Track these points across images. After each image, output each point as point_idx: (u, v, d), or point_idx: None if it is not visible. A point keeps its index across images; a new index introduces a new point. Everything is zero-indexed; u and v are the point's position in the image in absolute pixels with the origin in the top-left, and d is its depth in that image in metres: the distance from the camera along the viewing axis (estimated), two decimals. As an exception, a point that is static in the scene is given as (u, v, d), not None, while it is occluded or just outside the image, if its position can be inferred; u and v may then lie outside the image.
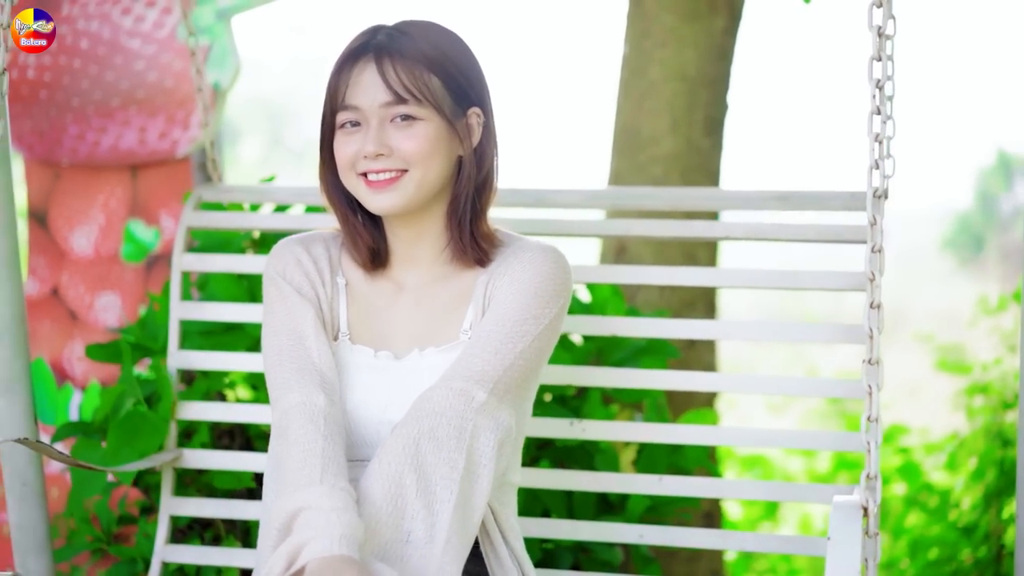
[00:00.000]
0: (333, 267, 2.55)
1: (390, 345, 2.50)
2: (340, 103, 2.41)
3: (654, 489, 2.99)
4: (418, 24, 2.46)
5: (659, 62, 4.05)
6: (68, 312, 4.10)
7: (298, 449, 2.28)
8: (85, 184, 4.09)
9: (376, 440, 2.44)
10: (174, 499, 3.15)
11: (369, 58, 2.39)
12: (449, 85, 2.41)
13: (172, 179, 4.05)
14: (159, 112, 3.97)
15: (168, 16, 3.93)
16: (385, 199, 2.40)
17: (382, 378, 2.46)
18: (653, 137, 4.05)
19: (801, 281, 2.95)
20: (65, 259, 4.10)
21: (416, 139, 2.38)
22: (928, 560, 4.63)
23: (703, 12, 4.03)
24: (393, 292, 2.53)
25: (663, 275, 3.10)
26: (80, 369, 4.07)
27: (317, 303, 2.50)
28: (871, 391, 2.56)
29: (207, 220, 3.27)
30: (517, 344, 2.37)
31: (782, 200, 3.03)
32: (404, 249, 2.52)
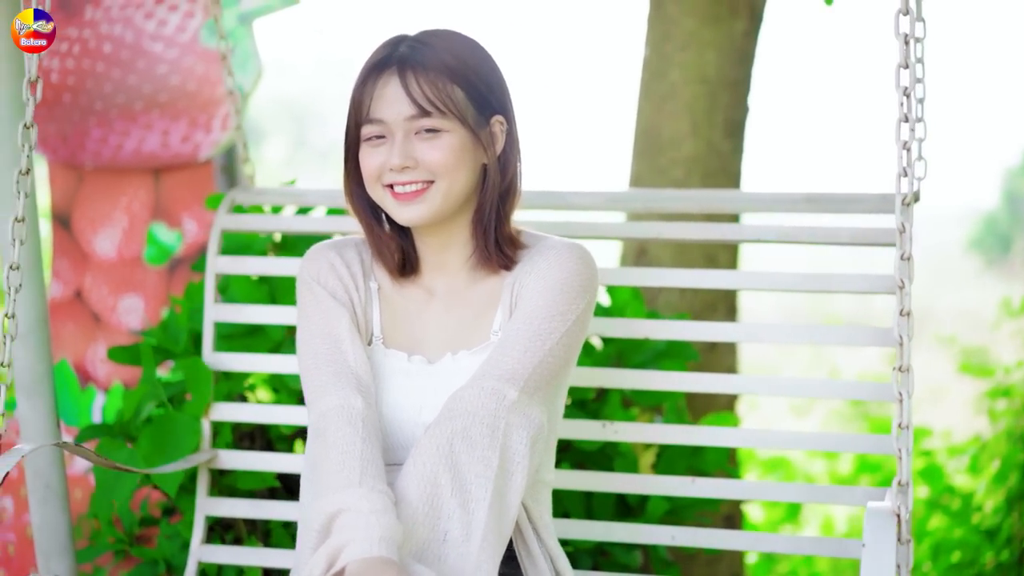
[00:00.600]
0: (366, 272, 2.57)
1: (422, 349, 2.53)
2: (365, 116, 2.42)
3: (683, 491, 2.99)
4: (439, 34, 2.47)
5: (679, 65, 4.04)
6: (91, 314, 4.12)
7: (336, 451, 2.31)
8: (108, 187, 4.11)
9: (411, 443, 2.46)
10: (209, 499, 3.16)
11: (392, 71, 2.40)
12: (472, 95, 2.42)
13: (194, 182, 4.07)
14: (181, 115, 3.99)
15: (190, 20, 3.95)
16: (413, 211, 2.43)
17: (416, 382, 2.49)
18: (674, 140, 4.05)
19: (829, 284, 2.93)
20: (88, 262, 4.12)
21: (441, 151, 2.40)
22: (950, 563, 4.61)
23: (724, 15, 4.03)
24: (424, 298, 2.55)
25: (686, 278, 3.09)
26: (103, 371, 4.09)
27: (351, 307, 2.52)
28: (902, 398, 2.55)
29: (240, 223, 3.28)
30: (546, 341, 2.40)
31: (811, 202, 3.01)
32: (432, 256, 2.54)
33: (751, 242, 3.05)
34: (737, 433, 3.11)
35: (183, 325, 3.36)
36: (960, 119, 17.77)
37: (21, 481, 4.05)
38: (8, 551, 4.06)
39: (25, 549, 4.05)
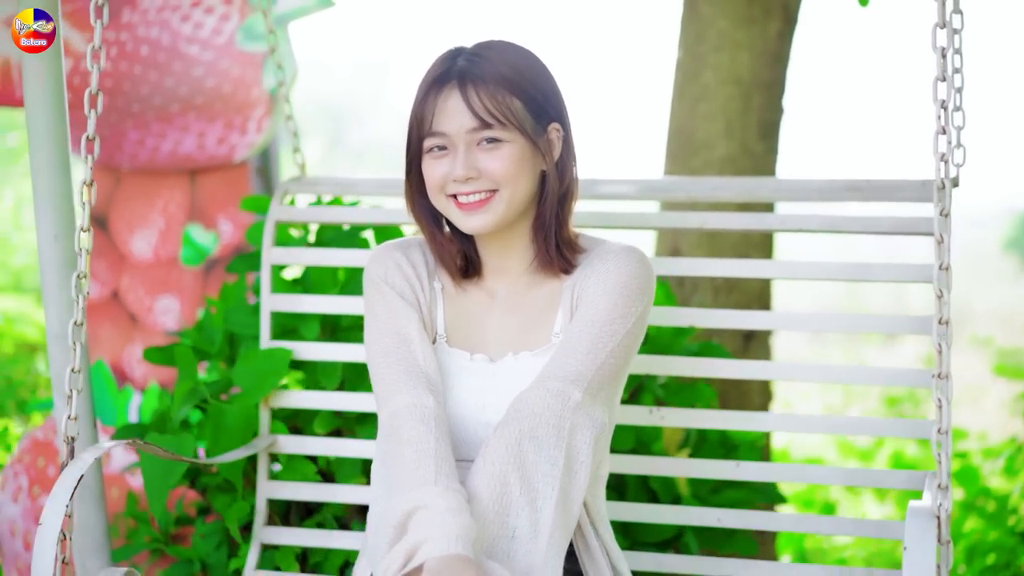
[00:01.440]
0: (430, 272, 2.65)
1: (484, 349, 2.60)
2: (427, 130, 2.49)
3: (721, 474, 3.03)
4: (494, 46, 2.53)
5: (713, 66, 4.04)
6: (128, 315, 4.15)
7: (411, 449, 2.39)
8: (145, 189, 4.14)
9: (473, 440, 2.54)
10: (270, 483, 3.22)
11: (453, 85, 2.47)
12: (529, 105, 2.49)
13: (230, 184, 4.10)
14: (217, 117, 4.01)
15: (226, 23, 3.98)
16: (477, 220, 2.50)
17: (478, 381, 2.57)
18: (707, 141, 4.04)
19: (866, 273, 2.96)
20: (125, 263, 4.16)
21: (502, 160, 2.47)
22: (985, 565, 4.59)
23: (757, 16, 4.02)
24: (485, 299, 2.63)
25: (719, 267, 3.10)
26: (140, 371, 4.12)
27: (418, 306, 2.60)
28: (941, 404, 2.57)
29: (294, 214, 3.31)
30: (607, 343, 2.47)
31: (852, 190, 3.03)
32: (493, 261, 2.62)
33: (791, 231, 3.05)
34: (776, 419, 3.16)
35: (218, 326, 3.38)
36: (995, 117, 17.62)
37: (58, 480, 4.08)
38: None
39: (62, 547, 4.08)
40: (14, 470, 4.19)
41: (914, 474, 2.93)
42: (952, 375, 2.59)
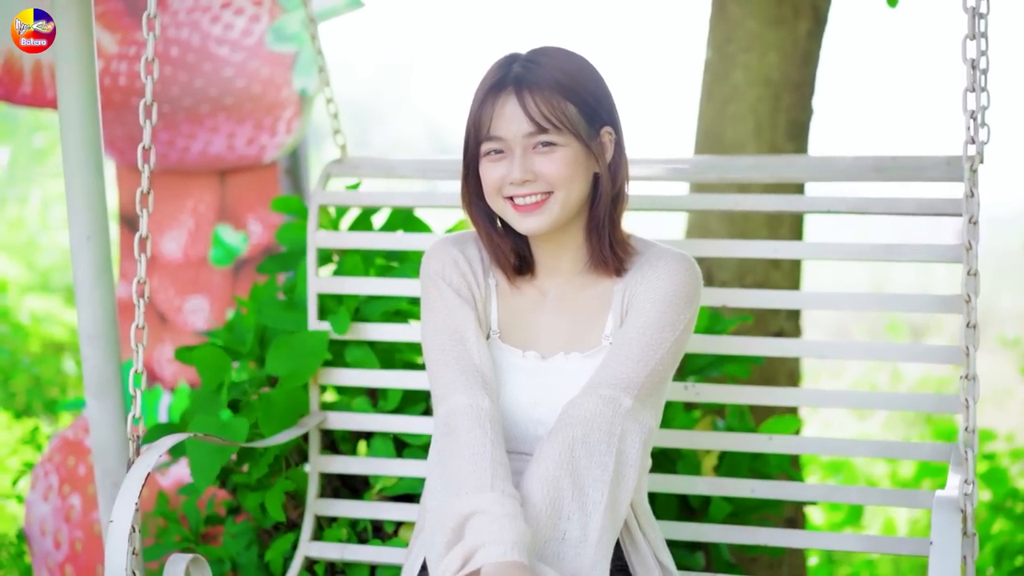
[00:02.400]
0: (485, 268, 2.73)
1: (536, 347, 2.67)
2: (485, 134, 2.57)
3: (745, 492, 3.06)
4: (548, 52, 2.60)
5: (742, 67, 4.03)
6: (158, 315, 4.17)
7: (468, 452, 2.48)
8: (175, 189, 4.16)
9: (524, 436, 2.63)
10: (322, 457, 3.30)
11: (509, 91, 2.55)
12: (583, 110, 2.56)
13: (259, 184, 4.11)
14: (247, 118, 4.02)
15: (256, 24, 3.99)
16: (533, 221, 2.57)
17: (530, 378, 2.65)
18: (737, 142, 4.03)
19: (894, 253, 2.98)
20: (155, 263, 4.17)
21: (557, 163, 2.54)
22: (1014, 567, 4.57)
23: (787, 16, 4.01)
24: (538, 297, 2.70)
25: (747, 248, 3.12)
26: (169, 371, 4.14)
27: (474, 303, 2.69)
28: (968, 404, 2.62)
29: (336, 197, 3.34)
30: (657, 351, 2.56)
31: (879, 170, 3.05)
32: (547, 260, 2.69)
33: (818, 212, 3.08)
34: (801, 441, 3.19)
35: (249, 326, 3.39)
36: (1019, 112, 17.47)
37: (89, 479, 4.11)
38: (76, 547, 4.12)
39: (92, 545, 4.11)
40: (44, 469, 4.21)
41: (939, 446, 2.98)
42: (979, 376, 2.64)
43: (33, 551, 4.22)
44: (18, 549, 4.48)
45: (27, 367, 7.23)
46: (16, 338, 7.74)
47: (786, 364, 4.11)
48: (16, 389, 7.10)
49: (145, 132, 2.79)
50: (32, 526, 4.21)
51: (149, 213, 2.84)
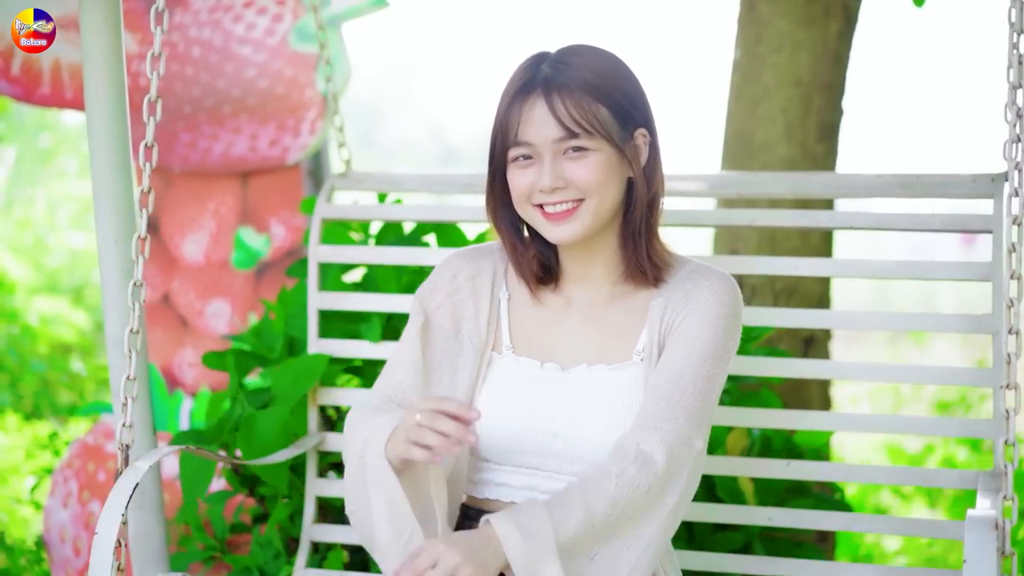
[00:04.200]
0: (496, 281, 2.59)
1: (556, 358, 2.52)
2: (513, 139, 2.44)
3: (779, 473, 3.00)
4: (579, 51, 2.47)
5: (772, 67, 3.98)
6: (179, 319, 4.11)
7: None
8: (196, 191, 4.10)
9: (539, 449, 2.46)
10: (319, 480, 3.21)
11: (538, 93, 2.42)
12: (616, 112, 2.43)
13: (282, 186, 4.05)
14: (270, 119, 3.97)
15: (279, 23, 3.94)
16: (564, 230, 2.44)
17: (549, 389, 2.49)
18: (767, 144, 3.98)
19: (927, 271, 2.92)
20: (176, 266, 4.12)
21: (589, 169, 2.41)
22: (1044, 575, 4.52)
23: (817, 16, 3.96)
24: (561, 307, 2.56)
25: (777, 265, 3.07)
26: (191, 375, 4.09)
27: (457, 321, 2.56)
28: (1008, 415, 2.56)
29: (340, 211, 3.27)
30: (716, 383, 2.44)
31: (904, 187, 2.98)
32: (576, 269, 2.55)
33: (844, 228, 3.02)
34: (837, 419, 3.17)
35: (278, 330, 3.33)
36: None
37: (109, 485, 4.05)
38: (95, 555, 4.06)
39: (113, 553, 4.05)
40: (63, 475, 4.16)
41: (966, 473, 2.89)
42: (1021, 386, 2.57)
43: (52, 558, 4.16)
44: (36, 556, 4.43)
45: (36, 369, 7.18)
46: (24, 340, 7.68)
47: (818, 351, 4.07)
48: (24, 391, 7.05)
49: (148, 129, 2.72)
50: (51, 533, 4.15)
51: (150, 212, 2.74)
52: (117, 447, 2.63)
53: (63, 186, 10.36)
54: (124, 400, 2.65)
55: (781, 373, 3.04)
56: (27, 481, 5.52)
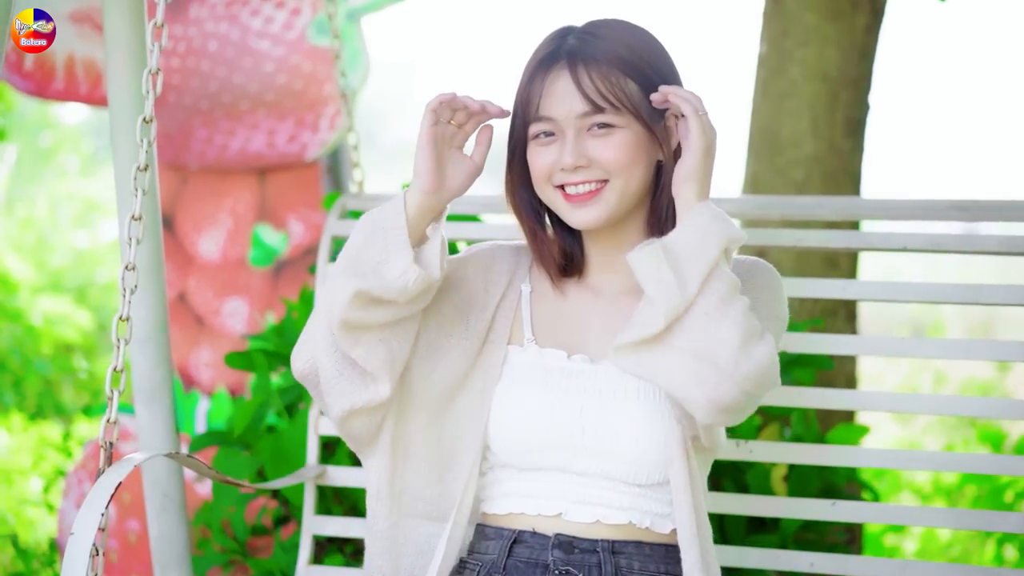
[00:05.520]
0: (518, 274, 2.43)
1: (584, 349, 2.35)
2: (534, 114, 2.27)
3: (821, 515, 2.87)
4: (609, 24, 2.31)
5: (799, 61, 3.92)
6: (195, 318, 4.05)
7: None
8: (213, 188, 4.04)
9: (569, 444, 2.29)
10: (317, 518, 2.99)
11: (562, 65, 2.25)
12: (647, 89, 2.25)
13: (301, 183, 3.99)
14: (288, 115, 3.90)
15: (297, 17, 3.87)
16: (586, 213, 2.27)
17: (578, 381, 2.32)
18: (794, 139, 3.92)
19: (979, 296, 2.81)
20: (192, 264, 4.05)
21: (615, 148, 2.24)
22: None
23: (845, 9, 3.90)
24: (588, 297, 2.39)
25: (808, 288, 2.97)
26: (207, 375, 4.02)
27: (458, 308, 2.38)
28: None
29: (351, 228, 3.15)
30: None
31: (961, 210, 2.88)
32: (601, 257, 2.38)
33: (894, 251, 2.89)
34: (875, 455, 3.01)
35: (300, 330, 3.26)
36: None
37: (124, 487, 3.98)
38: (110, 557, 4.00)
39: (127, 555, 3.99)
40: (77, 477, 4.09)
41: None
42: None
43: (65, 561, 4.10)
44: (50, 558, 4.36)
45: (39, 369, 7.12)
46: (28, 340, 7.62)
47: (844, 368, 4.00)
48: (27, 392, 7.00)
49: (147, 103, 2.56)
50: (65, 535, 4.09)
51: (145, 192, 2.55)
52: (100, 444, 2.42)
53: (64, 185, 10.30)
54: (110, 394, 2.43)
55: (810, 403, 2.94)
56: (33, 482, 5.46)
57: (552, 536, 2.28)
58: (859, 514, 2.91)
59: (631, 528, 2.29)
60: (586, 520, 2.28)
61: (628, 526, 2.29)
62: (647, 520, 2.29)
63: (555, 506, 2.30)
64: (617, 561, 2.27)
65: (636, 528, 2.29)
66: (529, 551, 2.29)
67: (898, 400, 3.15)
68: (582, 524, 2.28)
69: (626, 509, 2.28)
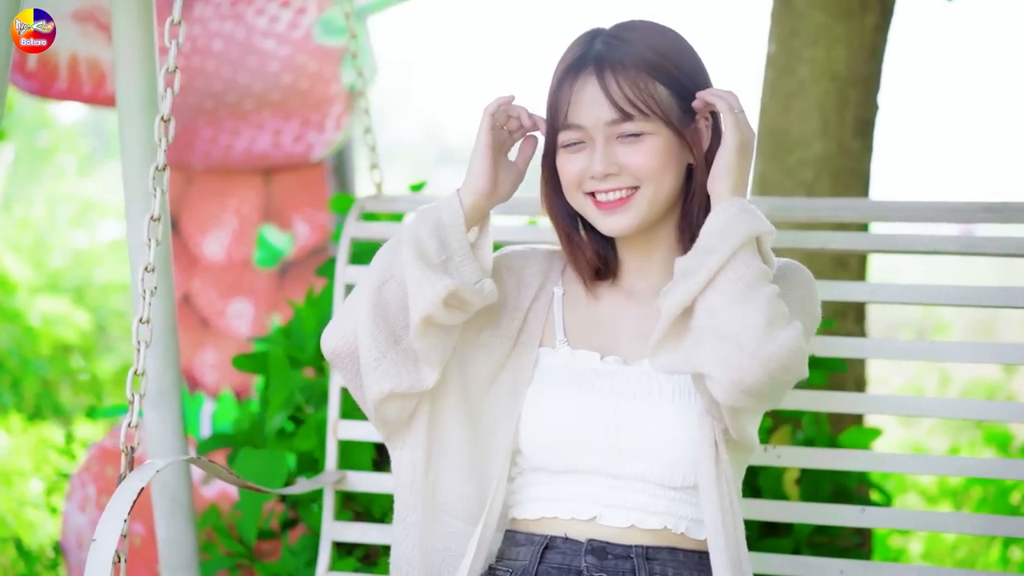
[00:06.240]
0: (550, 277, 2.43)
1: (617, 351, 2.35)
2: (562, 122, 2.27)
3: (852, 520, 2.85)
4: (636, 27, 2.30)
5: (809, 61, 3.89)
6: (200, 319, 4.02)
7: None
8: (217, 188, 4.01)
9: (603, 445, 2.28)
10: (336, 523, 2.97)
11: (590, 71, 2.25)
12: (676, 92, 2.26)
13: (307, 183, 3.96)
14: (294, 115, 3.88)
15: (303, 16, 3.85)
16: (617, 221, 2.27)
17: (611, 382, 2.31)
18: (803, 139, 3.88)
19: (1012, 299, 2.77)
20: (197, 265, 4.02)
21: (645, 154, 2.24)
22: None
23: (854, 9, 3.87)
24: (621, 300, 2.39)
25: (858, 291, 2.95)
26: (212, 377, 3.99)
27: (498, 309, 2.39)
28: None
29: (369, 231, 3.13)
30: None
31: (992, 212, 2.84)
32: (634, 262, 2.38)
33: (931, 253, 2.84)
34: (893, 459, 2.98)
35: (310, 332, 3.23)
36: None
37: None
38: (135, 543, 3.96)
39: (132, 559, 3.96)
40: (81, 479, 4.06)
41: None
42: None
43: (69, 564, 4.07)
44: (53, 562, 4.33)
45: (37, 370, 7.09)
46: (26, 340, 7.59)
47: (854, 370, 3.97)
48: (26, 392, 6.97)
49: (164, 102, 2.55)
50: (68, 538, 4.06)
51: (163, 192, 2.52)
52: (122, 449, 2.40)
53: (62, 185, 10.26)
54: (131, 398, 2.42)
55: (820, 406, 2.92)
56: (33, 484, 5.43)
57: (585, 542, 2.27)
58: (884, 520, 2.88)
59: (666, 534, 2.28)
60: (621, 525, 2.27)
61: (663, 531, 2.27)
62: (682, 525, 2.28)
63: (589, 510, 2.29)
64: (651, 567, 2.26)
65: (671, 534, 2.28)
66: (561, 557, 2.28)
67: (910, 404, 3.12)
68: (617, 529, 2.27)
69: (661, 514, 2.27)
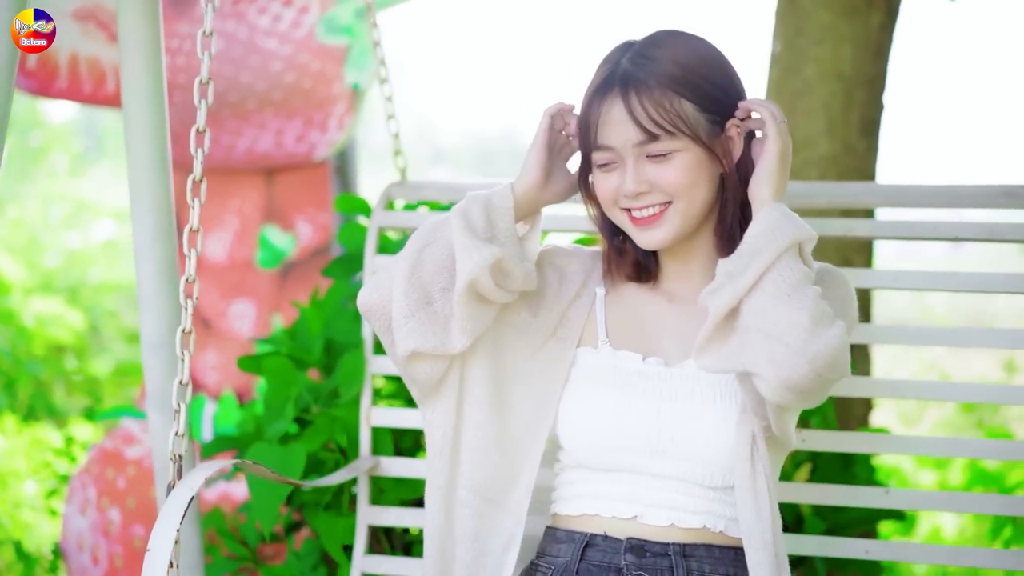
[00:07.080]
0: (593, 277, 2.47)
1: (659, 353, 2.37)
2: (594, 143, 2.31)
3: (878, 502, 2.83)
4: (662, 42, 2.31)
5: (814, 60, 3.87)
6: (201, 320, 3.99)
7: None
8: (219, 189, 3.98)
9: (644, 447, 2.30)
10: (371, 508, 2.99)
11: (616, 93, 2.27)
12: (703, 105, 2.27)
13: (309, 184, 3.94)
14: (296, 115, 3.85)
15: (306, 15, 3.82)
16: (653, 235, 2.31)
17: (653, 384, 2.33)
18: (809, 139, 3.87)
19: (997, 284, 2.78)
20: (198, 266, 3.99)
21: (675, 171, 2.27)
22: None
23: (860, 8, 3.85)
24: (663, 302, 2.41)
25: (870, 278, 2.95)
26: (213, 379, 3.97)
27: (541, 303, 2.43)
28: None
29: (397, 219, 3.12)
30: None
31: (1011, 197, 2.82)
32: (675, 267, 2.41)
33: (953, 240, 2.84)
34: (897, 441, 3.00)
35: (316, 333, 3.20)
36: None
37: (128, 492, 3.93)
38: (115, 563, 3.95)
39: (133, 561, 3.94)
40: (81, 481, 4.03)
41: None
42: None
43: (70, 567, 4.04)
44: (53, 564, 4.30)
45: (31, 370, 7.06)
46: (20, 341, 7.56)
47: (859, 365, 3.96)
48: (19, 393, 6.94)
49: (200, 113, 2.56)
50: (68, 540, 4.03)
51: (202, 203, 2.53)
52: (170, 458, 2.44)
53: (55, 185, 10.23)
54: (176, 406, 2.47)
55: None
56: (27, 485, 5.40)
57: (624, 540, 2.30)
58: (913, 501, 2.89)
59: (705, 532, 2.30)
60: (661, 523, 2.30)
61: (702, 530, 2.30)
62: (721, 524, 2.30)
63: (630, 509, 2.32)
64: (688, 564, 2.28)
65: (710, 532, 2.31)
66: (601, 555, 2.31)
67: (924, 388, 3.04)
68: (657, 528, 2.30)
69: (700, 513, 2.30)
